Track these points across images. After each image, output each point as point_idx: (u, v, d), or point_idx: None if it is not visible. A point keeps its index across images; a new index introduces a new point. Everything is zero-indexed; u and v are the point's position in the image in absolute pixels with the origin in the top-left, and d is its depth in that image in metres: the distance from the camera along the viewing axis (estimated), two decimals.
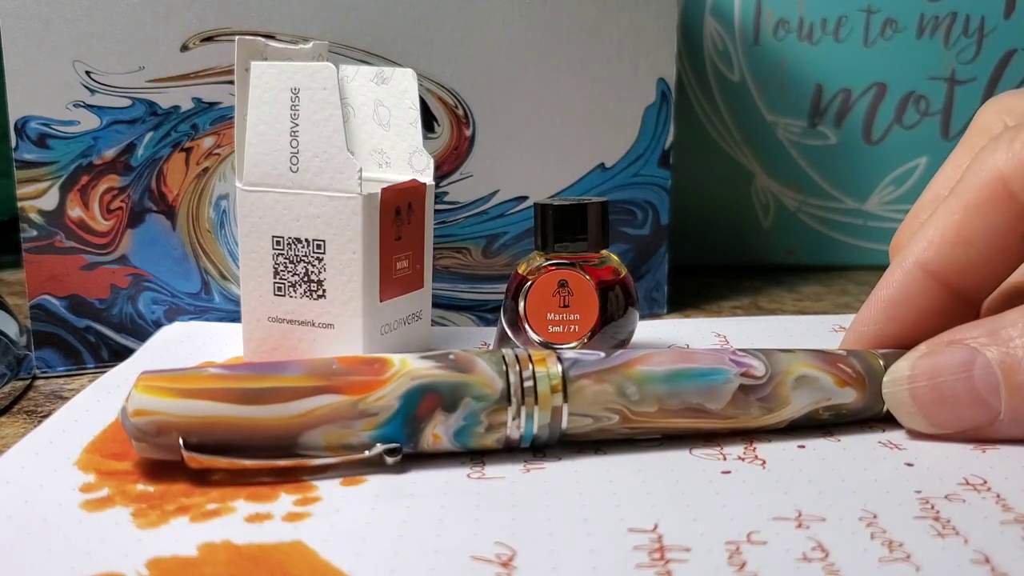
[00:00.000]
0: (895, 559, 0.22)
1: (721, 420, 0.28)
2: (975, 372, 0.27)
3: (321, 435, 0.26)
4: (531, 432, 0.27)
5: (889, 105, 0.56)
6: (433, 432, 0.27)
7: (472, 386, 0.27)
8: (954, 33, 0.55)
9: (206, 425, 0.25)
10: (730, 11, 0.54)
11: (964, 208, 0.29)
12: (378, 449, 0.26)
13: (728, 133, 0.56)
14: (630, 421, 0.28)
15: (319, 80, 0.33)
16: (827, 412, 0.29)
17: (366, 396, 0.26)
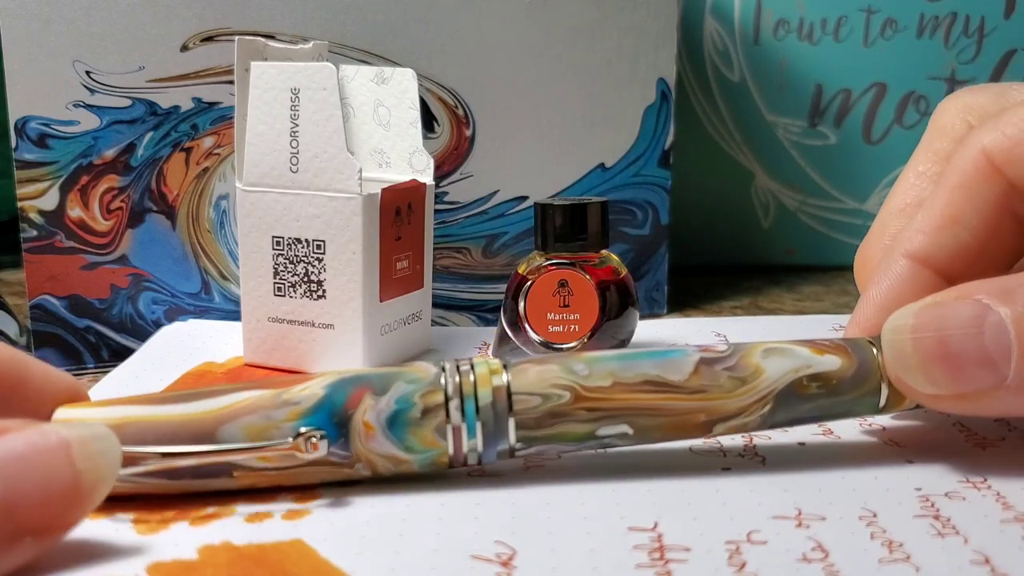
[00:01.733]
0: (895, 559, 0.22)
1: (689, 396, 0.25)
2: (986, 330, 0.24)
3: (241, 428, 0.24)
4: (473, 414, 0.25)
5: (889, 105, 0.56)
6: (364, 419, 0.24)
7: (404, 373, 0.25)
8: (954, 33, 0.55)
9: (122, 425, 0.24)
10: (730, 11, 0.54)
11: (950, 190, 0.27)
12: (300, 431, 0.24)
13: (728, 133, 0.56)
14: (585, 400, 0.25)
15: (319, 80, 0.33)
16: (814, 384, 0.26)
17: (290, 388, 0.25)
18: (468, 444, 0.25)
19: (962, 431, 0.30)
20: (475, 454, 0.25)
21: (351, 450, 0.25)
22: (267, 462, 0.24)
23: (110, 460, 0.21)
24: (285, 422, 0.24)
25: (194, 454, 0.24)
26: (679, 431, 0.26)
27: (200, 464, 0.24)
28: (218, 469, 0.24)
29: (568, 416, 0.25)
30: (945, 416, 0.31)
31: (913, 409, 0.27)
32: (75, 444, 0.20)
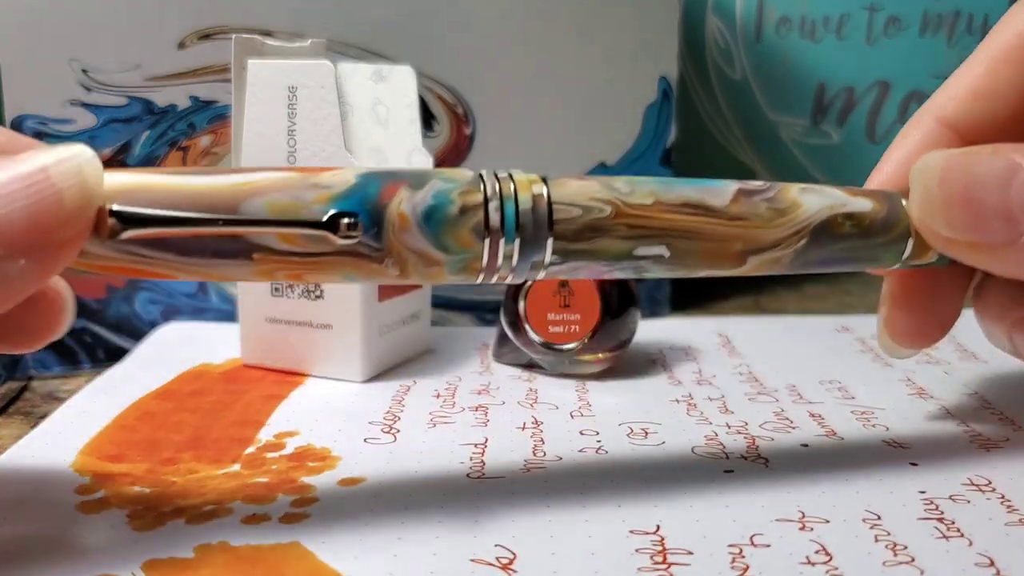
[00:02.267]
0: (899, 562, 0.22)
1: (728, 222, 0.24)
2: (1014, 185, 0.24)
3: (266, 204, 0.22)
4: (512, 215, 0.23)
5: (892, 103, 0.55)
6: (399, 210, 0.22)
7: (440, 172, 0.24)
8: (957, 31, 0.54)
9: (133, 191, 0.21)
10: (732, 8, 0.54)
11: (989, 60, 0.27)
12: (331, 213, 0.22)
13: (730, 132, 0.56)
14: (625, 215, 0.24)
15: (317, 78, 0.33)
16: (848, 222, 0.25)
17: (319, 173, 0.23)
18: (504, 250, 0.23)
19: (966, 432, 0.29)
20: (509, 263, 0.23)
21: (383, 242, 0.22)
22: (292, 244, 0.22)
23: (91, 174, 0.21)
24: (315, 204, 0.22)
25: (215, 222, 0.21)
26: (714, 259, 0.25)
27: (218, 237, 0.22)
28: (237, 248, 0.22)
29: (607, 231, 0.24)
30: (948, 416, 0.31)
31: (931, 264, 0.27)
32: (52, 165, 0.20)
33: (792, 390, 0.34)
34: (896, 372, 0.36)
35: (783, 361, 0.37)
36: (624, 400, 0.33)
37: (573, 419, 0.31)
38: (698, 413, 0.31)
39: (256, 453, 0.28)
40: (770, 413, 0.31)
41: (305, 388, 0.34)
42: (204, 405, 0.32)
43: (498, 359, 0.37)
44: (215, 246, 0.22)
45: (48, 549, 0.22)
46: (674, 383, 0.34)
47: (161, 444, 0.28)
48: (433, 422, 0.30)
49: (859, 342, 0.40)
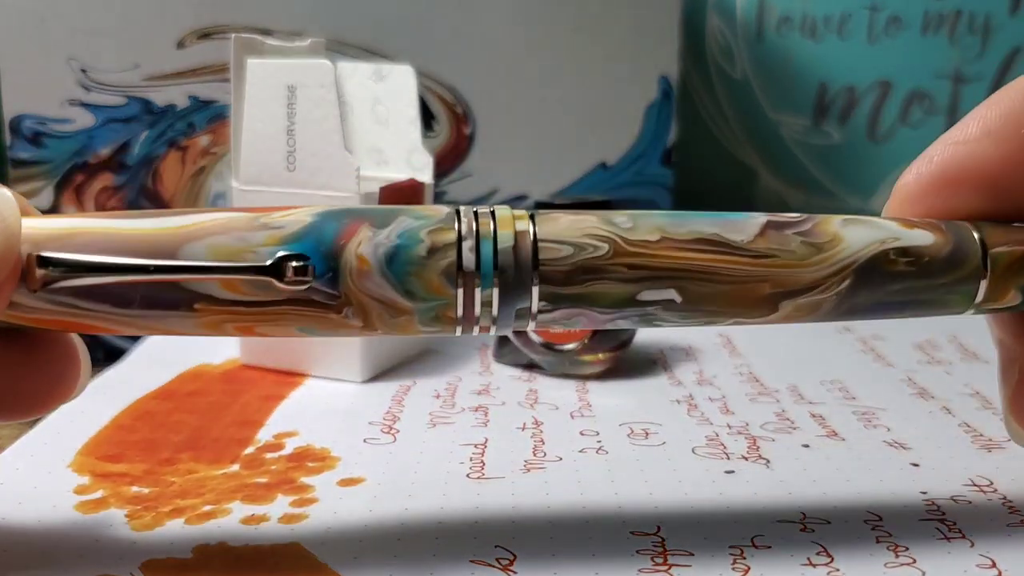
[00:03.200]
0: (901, 563, 0.21)
1: (753, 260, 0.21)
2: None
3: (208, 248, 0.20)
4: (490, 257, 0.20)
5: (894, 103, 0.55)
6: (357, 252, 0.20)
7: (410, 209, 0.21)
8: (959, 30, 0.54)
9: (70, 235, 0.20)
10: (732, 8, 0.54)
11: None
12: (277, 255, 0.20)
13: (731, 131, 0.56)
14: (626, 255, 0.21)
15: (316, 77, 0.33)
16: (903, 259, 0.22)
17: (271, 212, 0.20)
18: (482, 296, 0.20)
19: (968, 432, 0.29)
20: (489, 311, 0.21)
21: (340, 288, 0.20)
22: (235, 292, 0.20)
23: (10, 217, 0.19)
24: (262, 246, 0.20)
25: (145, 268, 0.19)
26: (737, 304, 0.21)
27: (154, 285, 0.20)
28: (177, 298, 0.20)
29: (604, 273, 0.21)
30: (950, 417, 0.31)
31: (1014, 308, 0.23)
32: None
33: (793, 390, 0.34)
34: (897, 372, 0.36)
35: (784, 361, 0.37)
36: (625, 400, 0.33)
37: (573, 419, 0.31)
38: (699, 413, 0.31)
39: (255, 453, 0.28)
40: (771, 413, 0.31)
41: (304, 388, 0.34)
42: (203, 405, 0.32)
43: (498, 359, 0.37)
44: (153, 296, 0.20)
45: (47, 549, 0.22)
46: (675, 383, 0.34)
47: (160, 444, 0.28)
48: (433, 422, 0.30)
49: (860, 342, 0.40)
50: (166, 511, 0.24)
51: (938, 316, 0.23)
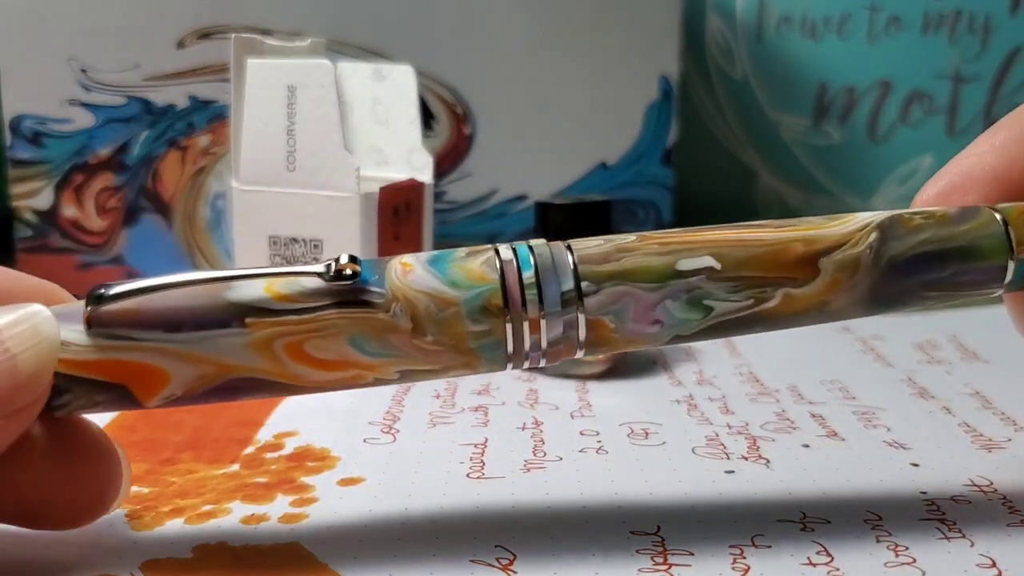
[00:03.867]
0: (900, 563, 0.21)
1: (779, 227, 0.22)
2: None
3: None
4: (525, 247, 0.21)
5: (894, 103, 0.55)
6: (401, 261, 0.21)
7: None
8: (959, 30, 0.54)
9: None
10: (732, 8, 0.54)
11: None
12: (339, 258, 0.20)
13: (731, 131, 0.56)
14: (653, 240, 0.21)
15: (316, 77, 0.33)
16: (915, 215, 0.22)
17: None
18: (525, 277, 0.21)
19: (968, 432, 0.29)
20: (534, 293, 0.21)
21: (386, 287, 0.20)
22: (287, 302, 0.20)
23: (48, 335, 0.20)
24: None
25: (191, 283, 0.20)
26: (778, 267, 0.21)
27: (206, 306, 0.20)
28: (226, 316, 0.20)
29: (637, 251, 0.21)
30: (950, 417, 0.31)
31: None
32: (4, 330, 0.19)
33: (793, 390, 0.34)
34: (897, 372, 0.36)
35: (784, 361, 0.37)
36: (625, 400, 0.33)
37: (573, 419, 0.31)
38: (699, 413, 0.31)
39: (255, 453, 0.28)
40: (771, 413, 0.31)
41: None
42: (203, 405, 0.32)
43: None
44: (202, 315, 0.20)
45: (46, 549, 0.22)
46: (675, 383, 0.34)
47: (160, 444, 0.28)
48: (433, 422, 0.30)
49: (860, 342, 0.40)
50: (166, 511, 0.24)
51: (987, 276, 0.22)
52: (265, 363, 0.20)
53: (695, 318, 0.21)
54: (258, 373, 0.20)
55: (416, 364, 0.21)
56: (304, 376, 0.20)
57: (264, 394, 0.21)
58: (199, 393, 0.20)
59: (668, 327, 0.21)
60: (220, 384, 0.20)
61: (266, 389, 0.21)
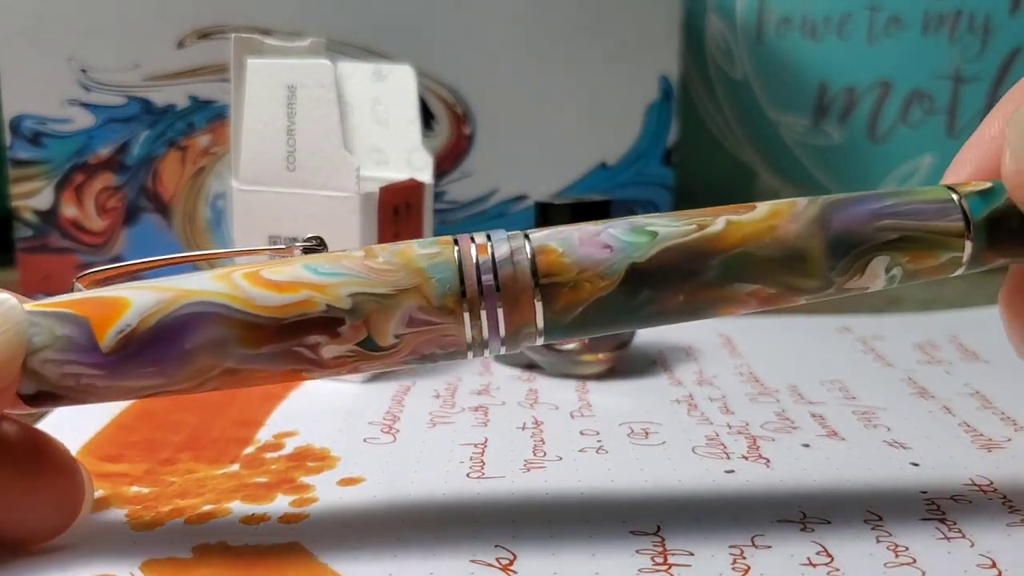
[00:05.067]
0: (900, 563, 0.21)
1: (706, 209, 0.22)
2: None
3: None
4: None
5: (894, 103, 0.55)
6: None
7: None
8: (959, 30, 0.54)
9: None
10: (732, 8, 0.54)
11: None
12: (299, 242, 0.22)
13: (731, 131, 0.56)
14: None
15: (316, 77, 0.33)
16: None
17: None
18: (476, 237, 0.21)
19: (968, 432, 0.29)
20: (487, 242, 0.21)
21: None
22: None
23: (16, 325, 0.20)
24: None
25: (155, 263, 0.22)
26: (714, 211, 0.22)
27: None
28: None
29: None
30: (950, 417, 0.31)
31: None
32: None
33: (793, 390, 0.34)
34: (897, 372, 0.36)
35: (784, 361, 0.37)
36: (625, 400, 0.33)
37: (573, 419, 0.31)
38: (699, 413, 0.31)
39: (255, 453, 0.28)
40: (771, 413, 0.31)
41: (304, 388, 0.34)
42: (203, 405, 0.32)
43: (498, 359, 0.37)
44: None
45: (47, 549, 0.22)
46: (675, 383, 0.34)
47: (160, 444, 0.28)
48: (433, 422, 0.30)
49: (860, 342, 0.40)
50: (166, 511, 0.24)
51: (936, 208, 0.22)
52: (222, 287, 0.21)
53: (643, 241, 0.21)
54: (214, 297, 0.20)
55: (367, 286, 0.21)
56: (256, 300, 0.20)
57: (217, 328, 0.20)
58: (153, 325, 0.20)
59: (620, 252, 0.21)
60: (177, 311, 0.20)
61: (220, 322, 0.20)
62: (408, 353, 0.21)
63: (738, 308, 0.22)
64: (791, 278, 0.22)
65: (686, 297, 0.21)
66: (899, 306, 0.47)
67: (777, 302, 0.22)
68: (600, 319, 0.21)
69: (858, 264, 0.22)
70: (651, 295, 0.21)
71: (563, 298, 0.21)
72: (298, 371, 0.21)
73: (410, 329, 0.21)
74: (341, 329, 0.20)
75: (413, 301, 0.21)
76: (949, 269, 0.22)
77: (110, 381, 0.20)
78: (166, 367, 0.20)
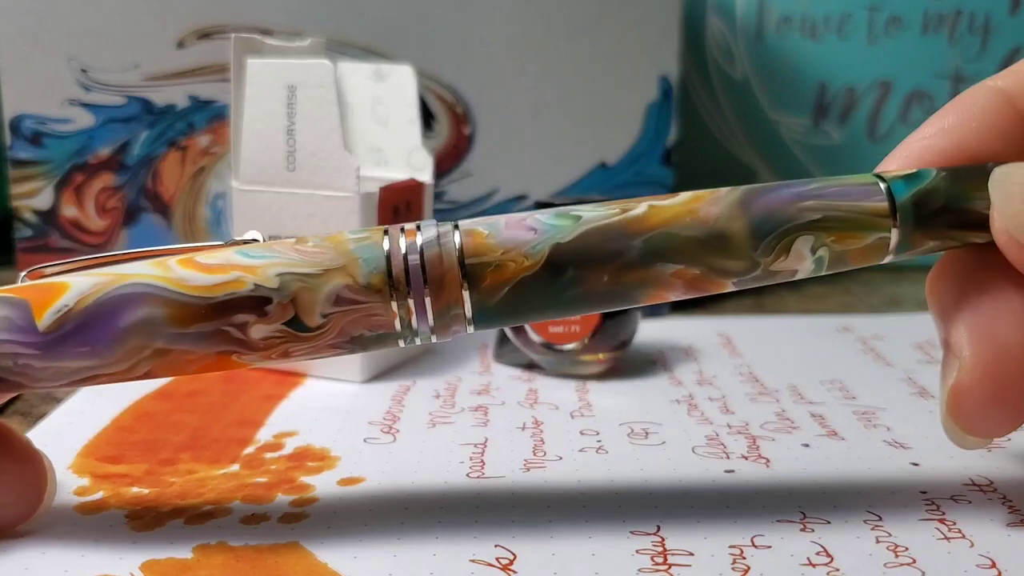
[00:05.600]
0: (900, 564, 0.21)
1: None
2: None
3: None
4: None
5: (894, 103, 0.55)
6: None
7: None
8: (959, 30, 0.54)
9: None
10: (732, 8, 0.54)
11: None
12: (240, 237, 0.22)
13: (731, 131, 0.56)
14: None
15: (316, 77, 0.33)
16: None
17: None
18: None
19: None
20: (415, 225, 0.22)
21: None
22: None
23: None
24: None
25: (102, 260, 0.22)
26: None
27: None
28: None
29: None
30: None
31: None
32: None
33: (793, 390, 0.34)
34: (897, 372, 0.36)
35: (784, 361, 0.37)
36: (624, 400, 0.33)
37: (573, 419, 0.31)
38: (699, 413, 0.31)
39: (255, 453, 0.28)
40: (771, 413, 0.31)
41: (304, 388, 0.34)
42: (203, 405, 0.32)
43: (498, 359, 0.37)
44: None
45: (47, 550, 0.22)
46: (675, 383, 0.34)
47: (160, 445, 0.28)
48: (433, 422, 0.30)
49: (860, 342, 0.40)
50: (166, 511, 0.24)
51: (860, 191, 0.22)
52: (157, 270, 0.21)
53: (567, 224, 0.21)
54: (148, 279, 0.21)
55: (295, 267, 0.21)
56: (187, 280, 0.21)
57: (148, 308, 0.21)
58: (89, 304, 0.21)
59: (544, 234, 0.21)
60: (112, 292, 0.21)
61: (151, 302, 0.21)
62: (336, 334, 0.21)
63: (664, 291, 0.22)
64: (715, 259, 0.22)
65: (610, 278, 0.21)
66: (899, 306, 0.47)
67: (704, 286, 0.22)
68: (527, 301, 0.21)
69: (782, 244, 0.22)
70: (575, 275, 0.21)
71: (488, 277, 0.21)
72: (228, 353, 0.21)
73: (337, 308, 0.21)
74: (268, 308, 0.21)
75: (340, 280, 0.21)
76: (878, 252, 0.22)
77: (46, 362, 0.21)
78: (99, 347, 0.21)
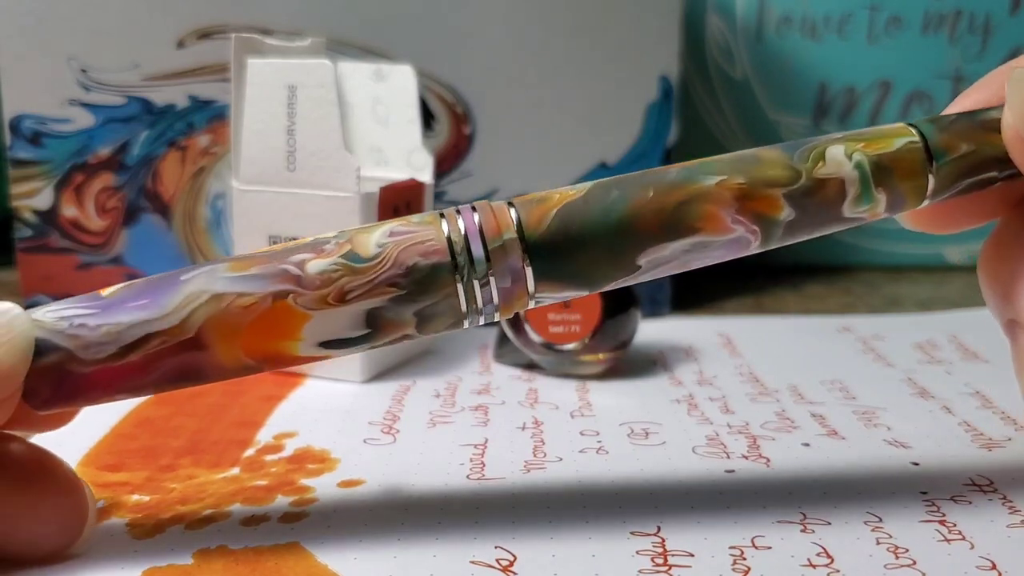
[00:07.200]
0: (900, 565, 0.21)
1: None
2: None
3: None
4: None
5: (894, 103, 0.55)
6: None
7: None
8: (959, 30, 0.54)
9: None
10: (732, 8, 0.54)
11: None
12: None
13: (731, 131, 0.56)
14: None
15: (316, 77, 0.33)
16: None
17: None
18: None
19: (968, 432, 0.29)
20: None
21: None
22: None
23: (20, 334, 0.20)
24: None
25: None
26: None
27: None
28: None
29: None
30: (950, 416, 0.31)
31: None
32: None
33: (793, 390, 0.34)
34: (898, 372, 0.36)
35: (784, 361, 0.37)
36: (625, 400, 0.33)
37: (573, 419, 0.31)
38: (699, 413, 0.31)
39: (255, 456, 0.28)
40: (771, 413, 0.31)
41: (304, 389, 0.34)
42: (203, 408, 0.32)
43: (498, 359, 0.37)
44: None
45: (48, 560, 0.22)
46: (675, 383, 0.34)
47: (160, 451, 0.28)
48: (433, 422, 0.30)
49: (860, 342, 0.40)
50: (167, 518, 0.24)
51: (885, 129, 0.24)
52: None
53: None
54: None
55: None
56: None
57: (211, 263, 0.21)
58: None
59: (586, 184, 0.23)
60: None
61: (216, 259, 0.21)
62: (391, 265, 0.21)
63: (716, 207, 0.22)
64: (755, 169, 0.22)
65: (656, 194, 0.22)
66: (899, 306, 0.47)
67: (755, 202, 0.22)
68: (575, 227, 0.21)
69: (815, 154, 0.22)
70: (620, 194, 0.22)
71: (535, 209, 0.22)
72: (284, 295, 0.21)
73: (391, 239, 0.21)
74: (327, 247, 0.21)
75: (395, 222, 0.22)
76: (916, 159, 0.23)
77: (101, 319, 0.20)
78: (157, 298, 0.21)
